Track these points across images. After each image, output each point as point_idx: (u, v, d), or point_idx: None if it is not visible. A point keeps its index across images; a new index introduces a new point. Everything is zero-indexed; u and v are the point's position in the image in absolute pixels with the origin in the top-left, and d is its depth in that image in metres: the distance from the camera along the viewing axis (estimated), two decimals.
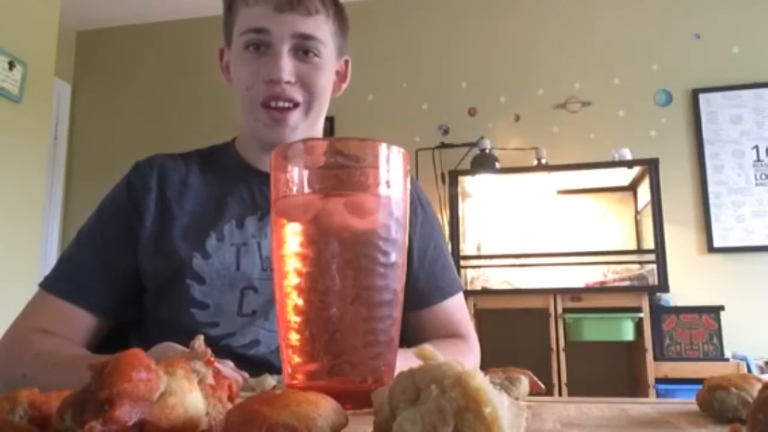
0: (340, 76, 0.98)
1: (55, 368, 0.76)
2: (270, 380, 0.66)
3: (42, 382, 0.74)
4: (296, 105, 0.88)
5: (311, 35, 0.87)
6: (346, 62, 0.98)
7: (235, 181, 0.94)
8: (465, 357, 0.91)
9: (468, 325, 0.99)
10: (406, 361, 0.59)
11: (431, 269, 0.97)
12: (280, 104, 0.87)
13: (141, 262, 0.88)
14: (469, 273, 3.07)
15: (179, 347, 0.67)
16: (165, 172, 0.93)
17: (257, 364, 0.83)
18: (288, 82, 0.86)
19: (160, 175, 0.92)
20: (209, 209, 0.91)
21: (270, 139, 0.89)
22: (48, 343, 0.81)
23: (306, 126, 0.90)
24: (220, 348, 0.83)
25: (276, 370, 0.82)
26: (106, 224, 0.90)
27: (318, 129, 0.95)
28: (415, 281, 0.93)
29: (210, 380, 0.36)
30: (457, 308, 0.98)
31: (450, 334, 0.95)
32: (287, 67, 0.86)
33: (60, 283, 0.87)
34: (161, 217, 0.89)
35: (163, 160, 0.95)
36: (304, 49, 0.87)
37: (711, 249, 3.06)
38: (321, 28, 0.88)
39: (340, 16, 0.93)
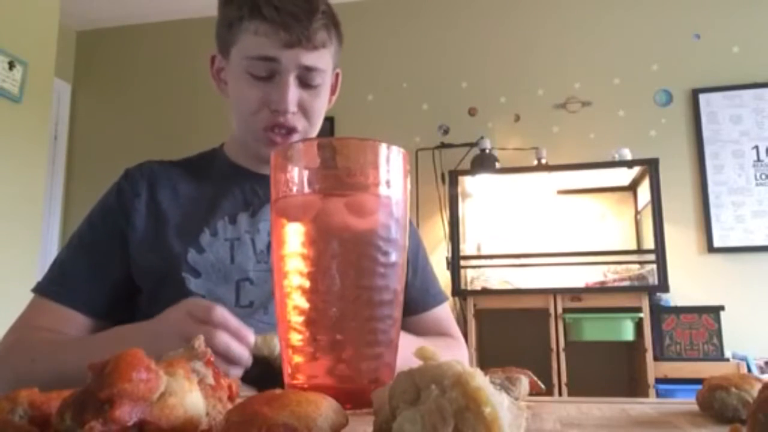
0: (332, 89, 1.00)
1: (64, 348, 0.80)
2: (276, 340, 0.65)
3: (49, 364, 0.77)
4: (296, 131, 0.91)
5: (316, 68, 0.89)
6: (337, 75, 1.00)
7: (227, 182, 0.96)
8: (457, 352, 0.98)
9: (456, 328, 1.05)
10: (407, 342, 0.60)
11: (423, 278, 1.02)
12: (282, 131, 0.91)
13: (136, 262, 0.89)
14: (469, 273, 3.06)
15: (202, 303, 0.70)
16: (155, 178, 0.95)
17: (257, 358, 0.83)
18: (292, 113, 0.89)
19: (150, 181, 0.94)
20: (201, 208, 0.93)
21: (267, 157, 0.91)
22: (53, 334, 0.84)
23: None
24: None
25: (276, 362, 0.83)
26: (95, 228, 0.92)
27: None
28: (410, 289, 0.97)
29: (210, 380, 0.36)
30: (446, 314, 1.04)
31: (440, 335, 1.01)
32: (293, 98, 0.88)
33: (52, 286, 0.89)
34: (153, 218, 0.91)
35: (153, 166, 0.97)
36: (307, 79, 0.89)
37: (711, 249, 3.06)
38: (325, 58, 0.91)
39: (339, 34, 0.94)
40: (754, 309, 2.93)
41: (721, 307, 2.71)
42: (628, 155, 2.91)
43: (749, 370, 2.58)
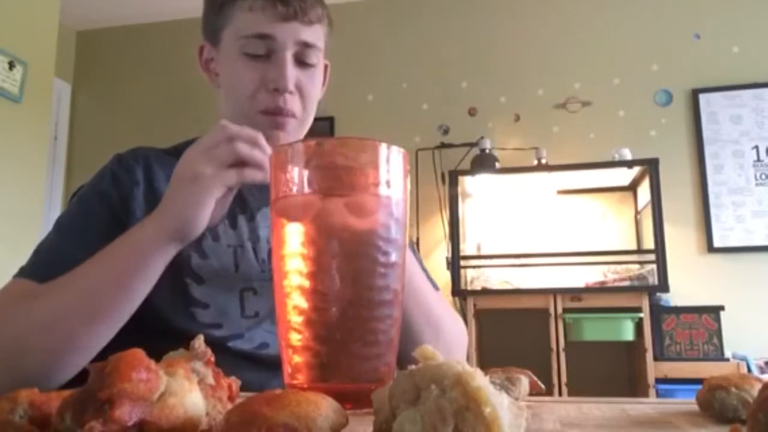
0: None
1: (70, 277, 0.73)
2: None
3: (55, 296, 0.71)
4: (294, 116, 0.89)
5: (312, 44, 0.88)
6: (326, 66, 0.98)
7: None
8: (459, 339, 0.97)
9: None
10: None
11: None
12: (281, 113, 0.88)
13: None
14: (469, 273, 3.06)
15: None
16: (150, 165, 0.90)
17: (269, 364, 0.83)
18: (290, 92, 0.87)
19: (146, 168, 0.90)
20: None
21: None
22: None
23: (296, 137, 0.92)
24: (227, 349, 0.82)
25: None
26: (91, 213, 0.86)
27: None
28: None
29: (210, 380, 0.36)
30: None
31: None
32: (292, 76, 0.86)
33: (39, 269, 0.79)
34: (153, 209, 0.86)
35: (147, 153, 0.93)
36: (303, 56, 0.88)
37: (711, 249, 3.06)
38: (319, 36, 0.89)
39: (330, 20, 0.93)
40: (754, 309, 2.93)
41: (721, 307, 2.71)
42: (628, 155, 2.91)
43: (749, 370, 2.58)
